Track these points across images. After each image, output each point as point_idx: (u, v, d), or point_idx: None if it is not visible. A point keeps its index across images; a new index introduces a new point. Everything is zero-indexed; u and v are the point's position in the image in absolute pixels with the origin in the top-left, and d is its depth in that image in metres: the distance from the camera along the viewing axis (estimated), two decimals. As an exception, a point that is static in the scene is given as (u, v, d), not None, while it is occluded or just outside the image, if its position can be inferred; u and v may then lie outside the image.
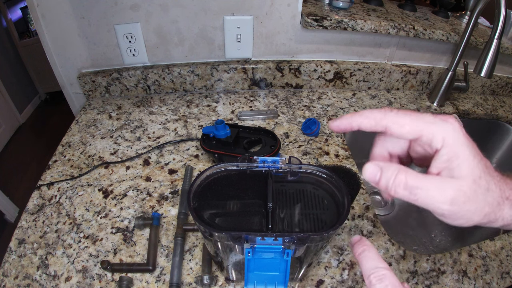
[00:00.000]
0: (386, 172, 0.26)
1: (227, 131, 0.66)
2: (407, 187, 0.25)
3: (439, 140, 0.25)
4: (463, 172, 0.25)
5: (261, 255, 0.38)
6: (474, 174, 0.25)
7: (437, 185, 0.25)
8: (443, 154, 0.25)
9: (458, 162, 0.25)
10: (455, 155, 0.25)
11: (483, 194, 0.25)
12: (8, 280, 0.49)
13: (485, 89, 1.03)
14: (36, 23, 0.77)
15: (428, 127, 0.26)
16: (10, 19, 2.76)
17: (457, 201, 0.24)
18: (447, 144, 0.25)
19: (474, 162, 0.25)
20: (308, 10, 0.85)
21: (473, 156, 0.25)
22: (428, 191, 0.25)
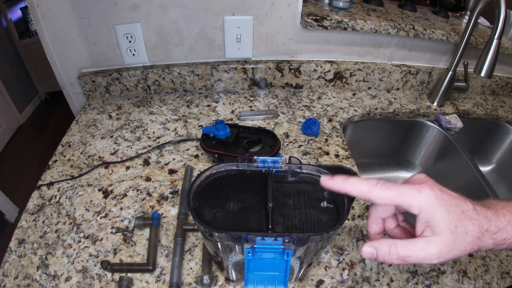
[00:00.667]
0: (381, 250, 0.32)
1: (227, 131, 0.66)
2: (400, 257, 0.31)
3: (416, 208, 0.31)
4: (442, 229, 0.30)
5: (261, 255, 0.38)
6: (450, 226, 0.30)
7: (423, 247, 0.30)
8: (422, 218, 0.31)
9: (436, 221, 0.30)
10: (431, 217, 0.30)
11: (462, 238, 0.30)
12: (8, 280, 0.49)
13: (485, 89, 1.03)
14: (36, 23, 0.77)
15: (404, 200, 0.31)
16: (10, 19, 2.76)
17: (442, 253, 0.30)
18: (422, 210, 0.31)
19: (449, 217, 0.30)
20: (308, 10, 0.85)
21: (448, 212, 0.30)
22: (417, 256, 0.31)
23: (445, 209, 0.30)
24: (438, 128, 0.91)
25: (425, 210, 0.31)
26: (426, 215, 0.31)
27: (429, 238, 0.31)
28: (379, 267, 0.52)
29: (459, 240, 0.30)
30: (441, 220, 0.30)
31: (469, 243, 0.30)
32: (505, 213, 0.32)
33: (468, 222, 0.30)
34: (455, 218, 0.30)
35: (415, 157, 0.99)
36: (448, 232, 0.30)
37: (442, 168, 0.92)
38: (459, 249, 0.30)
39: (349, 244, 0.55)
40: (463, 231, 0.30)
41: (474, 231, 0.30)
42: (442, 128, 0.90)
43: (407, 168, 1.01)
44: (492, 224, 0.31)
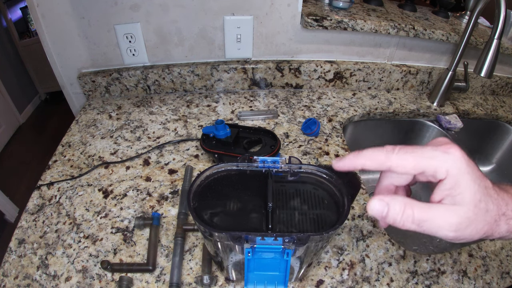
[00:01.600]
0: (393, 207, 0.27)
1: (227, 131, 0.66)
2: (414, 220, 0.26)
3: (442, 172, 0.27)
4: (465, 199, 0.26)
5: (261, 255, 0.38)
6: (475, 199, 0.26)
7: (442, 214, 0.26)
8: (446, 183, 0.27)
9: (460, 190, 0.26)
10: (457, 184, 0.26)
11: (482, 215, 0.26)
12: (8, 280, 0.49)
13: (485, 89, 1.03)
14: (36, 23, 0.77)
15: (430, 163, 0.27)
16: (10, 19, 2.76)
17: (461, 227, 0.26)
18: (450, 174, 0.26)
19: (475, 188, 0.26)
20: (308, 10, 0.85)
21: (474, 182, 0.26)
22: (434, 222, 0.26)
23: (471, 178, 0.26)
24: (438, 128, 0.91)
25: (453, 175, 0.26)
26: (452, 181, 0.26)
27: (450, 207, 0.26)
28: (379, 267, 0.52)
29: (480, 217, 0.26)
30: (466, 189, 0.26)
31: (487, 223, 0.27)
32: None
33: (489, 200, 0.27)
34: (480, 191, 0.26)
35: (415, 157, 0.99)
36: (471, 204, 0.26)
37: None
38: (477, 227, 0.26)
39: (349, 244, 0.55)
40: (484, 207, 0.26)
41: (493, 211, 0.27)
42: (442, 128, 0.90)
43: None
44: (509, 208, 0.28)
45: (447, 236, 0.27)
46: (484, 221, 0.27)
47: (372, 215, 0.28)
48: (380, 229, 0.58)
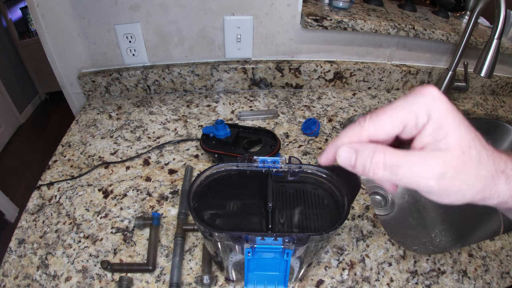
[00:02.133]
0: (362, 153, 0.24)
1: (227, 131, 0.66)
2: (386, 166, 0.23)
3: (423, 116, 0.23)
4: (450, 142, 0.22)
5: (261, 255, 0.38)
6: (462, 144, 0.22)
7: (421, 160, 0.22)
8: (428, 128, 0.23)
9: (444, 132, 0.23)
10: (440, 126, 0.23)
11: (474, 166, 0.22)
12: (8, 280, 0.49)
13: (485, 89, 1.03)
14: (36, 23, 0.77)
15: (408, 111, 0.23)
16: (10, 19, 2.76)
17: (445, 175, 0.22)
18: (432, 117, 0.23)
19: (462, 131, 0.23)
20: (308, 10, 0.85)
21: (459, 125, 0.23)
22: (411, 168, 0.22)
23: (456, 121, 0.23)
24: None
25: (434, 117, 0.23)
26: (434, 123, 0.23)
27: (431, 152, 0.23)
28: (379, 267, 0.52)
29: (470, 168, 0.22)
30: (451, 132, 0.22)
31: (481, 178, 0.23)
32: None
33: (482, 149, 0.23)
34: (468, 136, 0.23)
35: (415, 157, 0.99)
36: (457, 149, 0.22)
37: (442, 168, 0.92)
38: (468, 181, 0.22)
39: (349, 244, 0.55)
40: (476, 157, 0.22)
41: (488, 164, 0.23)
42: (442, 128, 0.90)
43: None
44: (509, 167, 0.24)
45: (428, 185, 0.22)
46: (476, 175, 0.23)
47: (341, 164, 0.25)
48: (380, 229, 0.58)
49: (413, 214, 0.90)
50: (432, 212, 0.89)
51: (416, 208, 0.91)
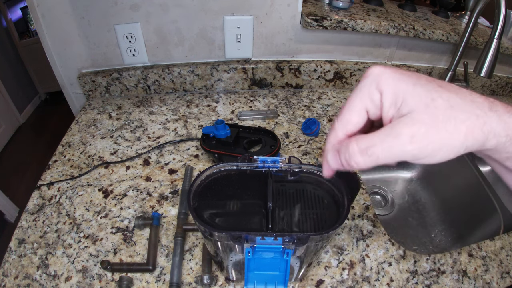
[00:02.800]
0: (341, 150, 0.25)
1: (227, 131, 0.66)
2: (362, 151, 0.23)
3: (377, 95, 0.24)
4: (409, 104, 0.22)
5: (261, 254, 0.38)
6: (423, 99, 0.22)
7: (389, 131, 0.23)
8: (385, 102, 0.24)
9: (400, 99, 0.23)
10: (394, 95, 0.23)
11: (446, 113, 0.22)
12: (8, 280, 0.49)
13: (485, 89, 1.03)
14: (36, 23, 0.77)
15: (362, 97, 0.24)
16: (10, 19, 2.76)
17: (417, 134, 0.22)
18: (384, 91, 0.24)
19: (417, 89, 0.23)
20: (308, 10, 0.85)
21: (413, 85, 0.23)
22: (383, 143, 0.23)
23: (407, 84, 0.23)
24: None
25: (387, 90, 0.23)
26: (389, 96, 0.23)
27: (396, 121, 0.23)
28: (379, 267, 0.52)
29: (442, 116, 0.22)
30: (406, 96, 0.23)
31: (462, 120, 0.22)
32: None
33: (452, 95, 0.22)
34: (428, 88, 0.22)
35: (415, 157, 0.99)
36: (421, 106, 0.22)
37: (442, 168, 0.92)
38: (446, 128, 0.21)
39: (349, 244, 0.55)
40: (444, 103, 0.22)
41: (465, 106, 0.22)
42: (442, 128, 0.90)
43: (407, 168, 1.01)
44: (496, 105, 0.23)
45: (407, 151, 0.22)
46: (454, 119, 0.22)
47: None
48: (380, 229, 0.58)
49: (413, 214, 0.90)
50: (432, 212, 0.89)
51: (416, 208, 0.91)
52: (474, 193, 0.78)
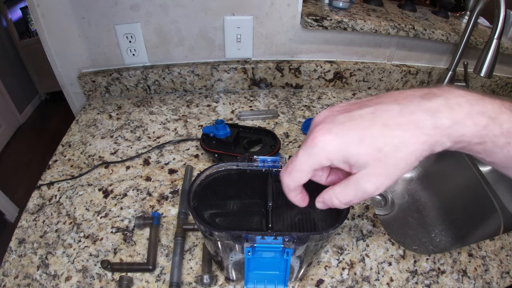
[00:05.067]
0: (328, 200, 0.30)
1: (227, 131, 0.66)
2: (344, 203, 0.29)
3: (327, 162, 0.27)
4: (361, 160, 0.26)
5: (261, 254, 0.38)
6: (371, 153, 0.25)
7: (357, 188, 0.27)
8: (337, 164, 0.27)
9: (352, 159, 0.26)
10: (344, 158, 0.27)
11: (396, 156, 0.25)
12: (8, 279, 0.49)
13: (485, 89, 1.03)
14: (36, 23, 0.77)
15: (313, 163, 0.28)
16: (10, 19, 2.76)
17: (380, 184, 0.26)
18: (334, 159, 0.27)
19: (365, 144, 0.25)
20: (308, 10, 0.85)
21: (360, 141, 0.26)
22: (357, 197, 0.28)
23: (355, 141, 0.26)
24: (438, 128, 0.90)
25: (337, 158, 0.27)
26: (340, 161, 0.27)
27: (358, 175, 0.27)
28: (379, 267, 0.52)
29: (391, 159, 0.25)
30: (355, 154, 0.26)
31: (409, 154, 0.25)
32: (463, 104, 0.25)
33: (396, 131, 0.25)
34: (373, 140, 0.25)
35: (415, 157, 0.99)
36: (371, 160, 0.25)
37: (442, 168, 0.92)
38: (399, 166, 0.25)
39: (349, 244, 0.55)
40: (391, 148, 0.25)
41: (407, 137, 0.25)
42: (442, 128, 0.90)
43: (407, 168, 1.01)
44: (442, 116, 0.25)
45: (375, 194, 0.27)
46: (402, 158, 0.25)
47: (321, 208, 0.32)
48: (380, 229, 0.58)
49: (413, 214, 0.90)
50: (432, 212, 0.89)
51: (416, 208, 0.91)
52: (474, 193, 0.78)
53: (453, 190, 0.86)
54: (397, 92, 0.28)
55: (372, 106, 0.27)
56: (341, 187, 0.28)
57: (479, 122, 0.25)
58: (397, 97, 0.27)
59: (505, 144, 0.25)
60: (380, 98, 0.28)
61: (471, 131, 0.25)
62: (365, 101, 0.28)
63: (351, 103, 0.29)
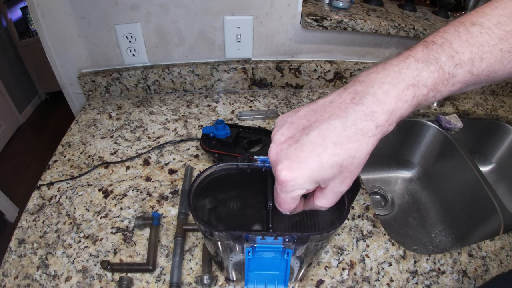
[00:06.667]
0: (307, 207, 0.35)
1: (227, 131, 0.66)
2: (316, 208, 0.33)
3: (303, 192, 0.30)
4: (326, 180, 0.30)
5: (261, 254, 0.38)
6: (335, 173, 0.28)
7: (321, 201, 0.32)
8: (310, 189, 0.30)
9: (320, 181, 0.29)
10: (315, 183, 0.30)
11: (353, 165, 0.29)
12: (8, 280, 0.49)
13: (485, 89, 1.03)
14: (36, 23, 0.77)
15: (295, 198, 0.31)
16: (10, 19, 2.77)
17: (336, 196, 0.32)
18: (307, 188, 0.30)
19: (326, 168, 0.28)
20: (308, 10, 0.85)
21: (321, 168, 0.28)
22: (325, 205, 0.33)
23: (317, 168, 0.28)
24: (438, 128, 0.91)
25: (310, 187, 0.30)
26: (312, 187, 0.30)
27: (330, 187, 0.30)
28: (379, 267, 0.52)
29: (352, 166, 0.28)
30: (322, 175, 0.28)
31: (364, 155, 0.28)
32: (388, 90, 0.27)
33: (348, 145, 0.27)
34: (332, 161, 0.27)
35: (415, 157, 0.99)
36: (338, 173, 0.28)
37: (442, 168, 0.92)
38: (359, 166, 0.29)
39: (349, 244, 0.55)
40: (349, 160, 0.28)
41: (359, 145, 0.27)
42: (442, 128, 0.90)
43: (407, 168, 1.01)
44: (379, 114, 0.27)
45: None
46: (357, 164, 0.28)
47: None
48: (380, 229, 0.58)
49: (413, 214, 0.90)
50: (432, 212, 0.89)
51: (416, 208, 0.91)
52: (474, 193, 0.78)
53: (453, 190, 0.86)
54: (328, 102, 0.29)
55: (316, 128, 0.28)
56: (321, 198, 0.32)
57: (408, 97, 0.27)
58: (332, 110, 0.28)
59: (435, 94, 0.28)
60: (316, 114, 0.29)
61: (404, 107, 0.27)
62: (303, 122, 0.30)
63: (289, 126, 0.30)
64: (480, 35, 0.27)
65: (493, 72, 0.28)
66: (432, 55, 0.27)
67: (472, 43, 0.27)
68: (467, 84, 0.28)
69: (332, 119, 0.28)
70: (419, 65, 0.27)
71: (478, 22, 0.27)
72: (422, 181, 0.97)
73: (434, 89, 0.28)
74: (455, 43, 0.27)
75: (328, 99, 0.30)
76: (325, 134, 0.27)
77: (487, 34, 0.27)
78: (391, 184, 0.98)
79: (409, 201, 0.93)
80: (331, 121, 0.28)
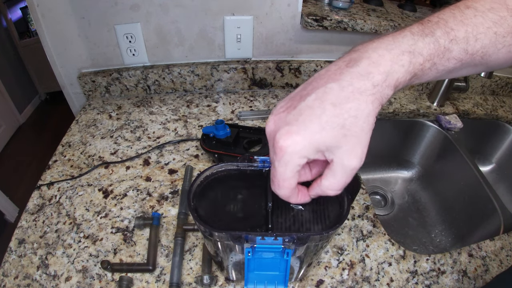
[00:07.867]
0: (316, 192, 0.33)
1: (227, 131, 0.66)
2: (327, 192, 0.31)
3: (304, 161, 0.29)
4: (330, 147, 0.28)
5: (261, 254, 0.38)
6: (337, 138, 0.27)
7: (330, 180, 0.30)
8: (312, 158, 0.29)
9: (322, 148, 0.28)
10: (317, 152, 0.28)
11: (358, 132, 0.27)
12: (8, 280, 0.49)
13: (485, 89, 1.03)
14: (36, 23, 0.77)
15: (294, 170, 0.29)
16: (10, 19, 2.76)
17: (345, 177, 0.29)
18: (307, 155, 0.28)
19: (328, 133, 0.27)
20: (308, 10, 0.85)
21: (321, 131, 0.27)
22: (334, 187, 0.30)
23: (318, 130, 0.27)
24: (438, 128, 0.91)
25: (311, 155, 0.28)
26: (313, 156, 0.28)
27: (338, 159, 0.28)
28: (379, 267, 0.52)
29: (356, 128, 0.27)
30: (324, 140, 0.27)
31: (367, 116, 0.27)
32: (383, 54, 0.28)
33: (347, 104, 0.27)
34: (333, 121, 0.27)
35: (415, 157, 0.99)
36: (342, 137, 0.27)
37: (442, 168, 0.92)
38: (364, 130, 0.27)
39: (349, 244, 0.55)
40: (351, 120, 0.27)
41: (358, 104, 0.27)
42: (442, 128, 0.90)
43: (407, 168, 1.01)
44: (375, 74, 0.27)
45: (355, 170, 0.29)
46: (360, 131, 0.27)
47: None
48: (380, 229, 0.58)
49: (413, 214, 0.90)
50: (432, 212, 0.89)
51: (416, 208, 0.91)
52: (474, 193, 0.78)
53: (453, 190, 0.86)
54: (324, 72, 0.29)
55: (313, 93, 0.28)
56: (329, 177, 0.30)
57: (404, 62, 0.27)
58: (328, 76, 0.28)
59: (431, 67, 0.28)
60: (312, 83, 0.29)
61: (401, 71, 0.27)
62: (301, 92, 0.29)
63: (288, 100, 0.30)
64: (475, 17, 0.27)
65: (487, 54, 0.28)
66: (427, 30, 0.28)
67: (467, 23, 0.27)
68: (462, 63, 0.29)
69: (328, 83, 0.28)
70: (415, 37, 0.28)
71: (472, 6, 0.28)
72: (422, 181, 0.97)
73: (430, 60, 0.28)
74: (450, 22, 0.28)
75: (323, 69, 0.30)
76: (322, 97, 0.27)
77: (481, 17, 0.27)
78: (391, 184, 0.98)
79: (409, 201, 0.93)
80: (327, 85, 0.27)
